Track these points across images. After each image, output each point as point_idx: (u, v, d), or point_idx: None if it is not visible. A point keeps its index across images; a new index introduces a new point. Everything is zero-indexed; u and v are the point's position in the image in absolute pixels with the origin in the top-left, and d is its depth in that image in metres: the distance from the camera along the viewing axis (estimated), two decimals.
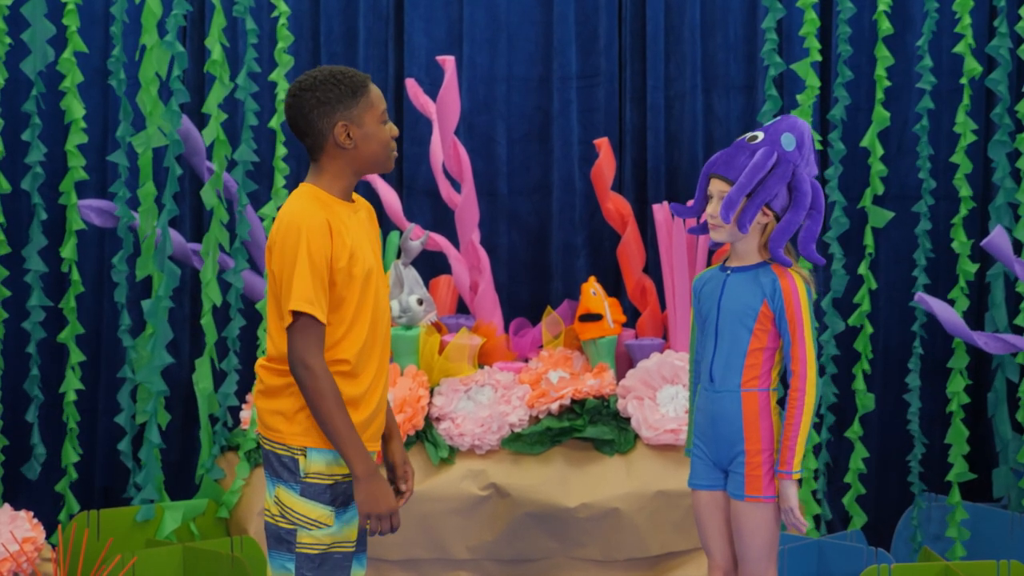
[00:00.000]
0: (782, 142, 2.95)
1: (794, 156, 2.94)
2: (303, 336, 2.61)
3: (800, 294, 2.92)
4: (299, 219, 2.62)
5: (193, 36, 4.76)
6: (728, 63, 4.76)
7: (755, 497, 2.95)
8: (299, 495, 2.67)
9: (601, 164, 4.50)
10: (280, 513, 2.68)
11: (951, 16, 4.28)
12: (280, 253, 2.63)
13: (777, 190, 2.95)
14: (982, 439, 4.52)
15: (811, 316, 2.92)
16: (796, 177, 2.95)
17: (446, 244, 4.54)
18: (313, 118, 2.67)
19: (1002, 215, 4.10)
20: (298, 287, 2.59)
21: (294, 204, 2.67)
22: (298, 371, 2.61)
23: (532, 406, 4.14)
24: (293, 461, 2.68)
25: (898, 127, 4.50)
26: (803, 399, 2.88)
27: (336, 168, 2.71)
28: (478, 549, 4.05)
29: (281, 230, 2.64)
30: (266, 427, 2.72)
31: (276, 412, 2.69)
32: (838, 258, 4.23)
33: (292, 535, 2.68)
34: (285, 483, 2.68)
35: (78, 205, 4.21)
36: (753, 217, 2.95)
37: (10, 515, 3.87)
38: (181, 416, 4.74)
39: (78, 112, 4.11)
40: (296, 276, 2.59)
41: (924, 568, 3.76)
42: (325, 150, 2.69)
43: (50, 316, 4.43)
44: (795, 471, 2.89)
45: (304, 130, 2.69)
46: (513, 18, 4.81)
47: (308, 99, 2.66)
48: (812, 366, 2.90)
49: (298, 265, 2.59)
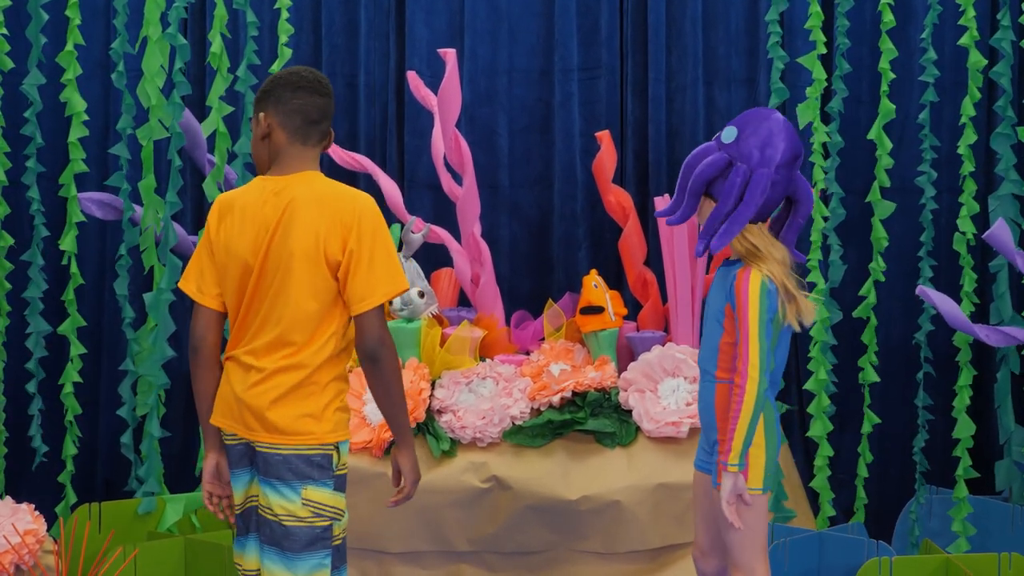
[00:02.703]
0: (722, 135, 3.00)
1: (730, 148, 2.97)
2: (382, 316, 2.68)
3: (751, 291, 2.92)
4: (372, 203, 2.71)
5: (194, 28, 4.76)
6: (729, 56, 4.76)
7: None
8: (333, 490, 2.70)
9: (602, 157, 4.50)
10: (314, 513, 2.68)
11: (953, 9, 4.27)
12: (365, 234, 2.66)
13: (707, 179, 2.99)
14: (983, 432, 4.52)
15: (762, 313, 2.91)
16: (731, 168, 2.97)
17: (447, 237, 4.54)
18: (329, 109, 2.80)
19: (1006, 206, 4.10)
20: (397, 269, 2.67)
21: (353, 191, 2.74)
22: (380, 351, 2.65)
23: (533, 399, 4.14)
24: (326, 458, 2.69)
25: (899, 120, 4.49)
26: (743, 395, 2.89)
27: (316, 158, 2.82)
28: (479, 541, 4.06)
29: (358, 211, 2.67)
30: (288, 432, 2.67)
31: (303, 416, 2.67)
32: (835, 248, 4.22)
33: (328, 531, 2.70)
34: (316, 482, 2.68)
35: (79, 198, 4.21)
36: (693, 209, 3.03)
37: (12, 507, 3.87)
38: (183, 409, 4.74)
39: (79, 105, 4.11)
40: (391, 258, 2.67)
41: (925, 561, 3.76)
42: (321, 142, 2.82)
43: (52, 309, 4.44)
44: (731, 464, 2.90)
45: (318, 119, 2.79)
46: (514, 10, 4.81)
47: (329, 89, 2.82)
48: (755, 363, 2.89)
49: (390, 247, 2.68)
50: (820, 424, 4.17)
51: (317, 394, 2.68)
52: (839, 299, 4.28)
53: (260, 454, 2.70)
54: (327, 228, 2.65)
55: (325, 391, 2.69)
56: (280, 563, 2.68)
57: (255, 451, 2.73)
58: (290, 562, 2.67)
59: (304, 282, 2.66)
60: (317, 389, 2.67)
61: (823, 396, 4.17)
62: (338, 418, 2.71)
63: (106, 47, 4.51)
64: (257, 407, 2.67)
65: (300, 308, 2.67)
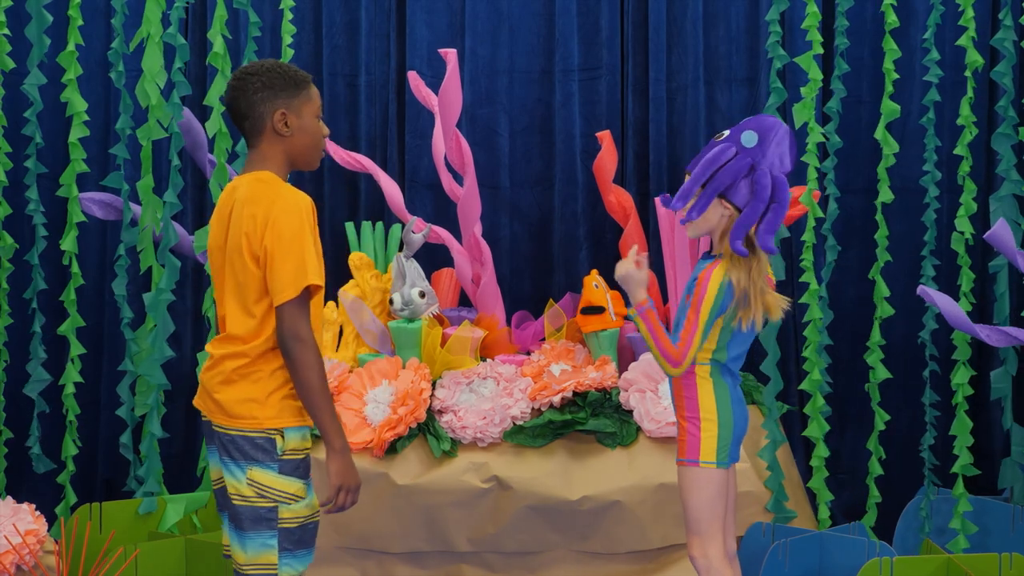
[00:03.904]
0: (742, 138, 3.09)
1: (754, 152, 3.07)
2: (301, 309, 2.73)
3: (710, 284, 3.06)
4: (296, 200, 2.76)
5: (194, 28, 4.76)
6: (730, 55, 4.76)
7: (682, 460, 3.16)
8: (277, 473, 2.78)
9: (603, 157, 4.50)
10: (257, 493, 2.77)
11: (954, 8, 4.27)
12: (278, 231, 2.71)
13: (730, 182, 3.07)
14: (983, 431, 4.52)
15: (713, 308, 3.06)
16: (756, 171, 3.07)
17: (448, 237, 4.54)
18: (255, 101, 2.81)
19: (1006, 207, 4.10)
20: (310, 262, 2.72)
21: (279, 189, 2.78)
22: (290, 344, 2.72)
23: (534, 399, 4.14)
24: (270, 442, 2.78)
25: (900, 120, 4.49)
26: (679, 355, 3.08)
27: (274, 154, 2.84)
28: (480, 542, 4.05)
29: (275, 210, 2.72)
30: (233, 415, 2.79)
31: (246, 400, 2.78)
32: (831, 248, 4.22)
33: (273, 512, 2.78)
34: (260, 464, 2.77)
35: (79, 198, 4.20)
36: (703, 208, 3.09)
37: (12, 508, 3.87)
38: (183, 409, 4.74)
39: (79, 105, 4.11)
40: (306, 252, 2.72)
41: (926, 561, 3.76)
42: (263, 135, 2.83)
43: (52, 309, 4.43)
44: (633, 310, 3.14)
45: (245, 112, 2.82)
46: (515, 10, 4.81)
47: (253, 82, 2.81)
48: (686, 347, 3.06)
49: (306, 241, 2.72)
50: (816, 424, 4.17)
51: (262, 381, 2.78)
52: (838, 299, 4.28)
53: (216, 433, 2.84)
54: (251, 227, 2.75)
55: (272, 378, 2.79)
56: (235, 540, 2.82)
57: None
58: (241, 539, 2.80)
59: (242, 278, 2.78)
60: (262, 376, 2.78)
61: (818, 396, 4.17)
62: (284, 405, 2.80)
63: (107, 47, 4.51)
64: (210, 388, 2.83)
65: (240, 302, 2.80)
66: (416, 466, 4.06)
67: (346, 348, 4.43)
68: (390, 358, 4.28)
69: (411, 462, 4.06)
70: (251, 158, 2.86)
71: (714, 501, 3.14)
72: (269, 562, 2.79)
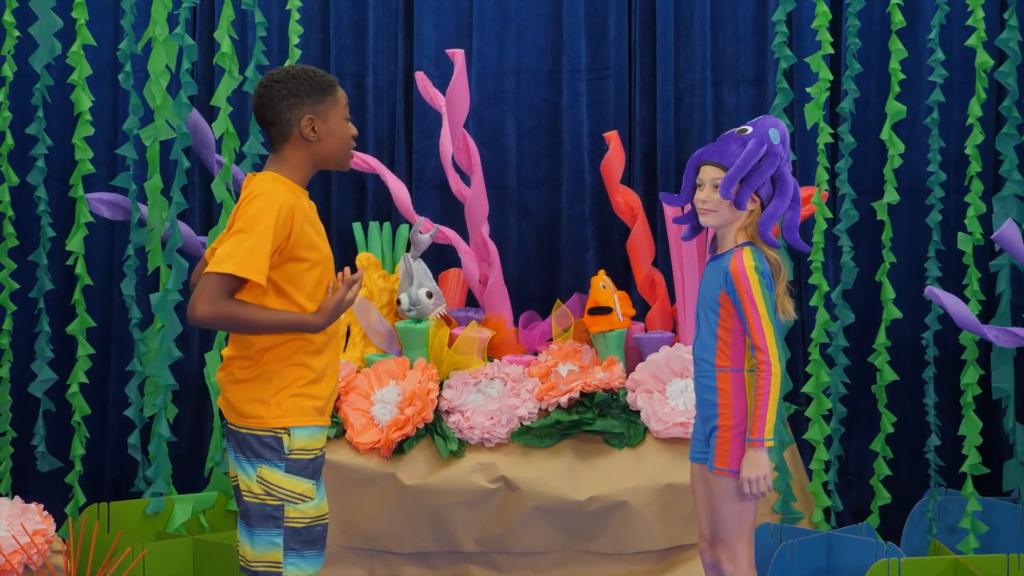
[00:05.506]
0: (770, 135, 3.13)
1: (779, 149, 3.13)
2: (220, 289, 2.69)
3: (748, 274, 3.05)
4: (274, 195, 2.75)
5: (202, 29, 4.76)
6: (738, 56, 4.75)
7: (722, 470, 3.08)
8: (284, 472, 2.81)
9: (611, 157, 4.50)
10: (266, 491, 2.81)
11: (961, 9, 4.26)
12: (248, 213, 2.72)
13: (766, 178, 3.12)
14: (991, 432, 4.51)
15: (763, 292, 3.04)
16: (780, 169, 3.14)
17: (455, 237, 4.54)
18: (282, 108, 2.83)
19: (1009, 207, 4.09)
20: (253, 254, 2.69)
21: (268, 184, 2.80)
22: (195, 317, 2.68)
23: (541, 399, 4.14)
24: (277, 440, 2.81)
25: (907, 120, 4.48)
26: (769, 371, 3.01)
27: (297, 159, 2.86)
28: (487, 542, 4.06)
29: (256, 198, 2.74)
30: (242, 415, 2.82)
31: (253, 400, 2.81)
32: (847, 250, 4.22)
33: (280, 511, 2.81)
34: (269, 462, 2.81)
35: (87, 198, 4.21)
36: (747, 199, 3.11)
37: (21, 507, 3.88)
38: (191, 409, 4.75)
39: (86, 105, 4.12)
40: (258, 244, 2.69)
41: (934, 562, 3.75)
42: (289, 141, 2.85)
43: (60, 309, 4.44)
44: (767, 439, 3.01)
45: (271, 119, 2.84)
46: (522, 11, 4.81)
47: (279, 90, 2.83)
48: (771, 340, 3.03)
49: (264, 235, 2.70)
50: (818, 427, 4.16)
51: (268, 380, 2.81)
52: (849, 300, 4.28)
53: (230, 431, 2.87)
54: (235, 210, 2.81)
55: (277, 378, 2.81)
56: (244, 536, 2.86)
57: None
58: (250, 535, 2.84)
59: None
60: (268, 376, 2.81)
61: (822, 399, 4.16)
62: (291, 404, 2.82)
63: (115, 47, 4.51)
64: (222, 388, 2.88)
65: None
66: (423, 466, 4.06)
67: (353, 348, 4.43)
68: (397, 358, 4.29)
69: (418, 462, 4.07)
70: (271, 159, 2.88)
71: (751, 511, 3.12)
72: (274, 560, 2.82)
